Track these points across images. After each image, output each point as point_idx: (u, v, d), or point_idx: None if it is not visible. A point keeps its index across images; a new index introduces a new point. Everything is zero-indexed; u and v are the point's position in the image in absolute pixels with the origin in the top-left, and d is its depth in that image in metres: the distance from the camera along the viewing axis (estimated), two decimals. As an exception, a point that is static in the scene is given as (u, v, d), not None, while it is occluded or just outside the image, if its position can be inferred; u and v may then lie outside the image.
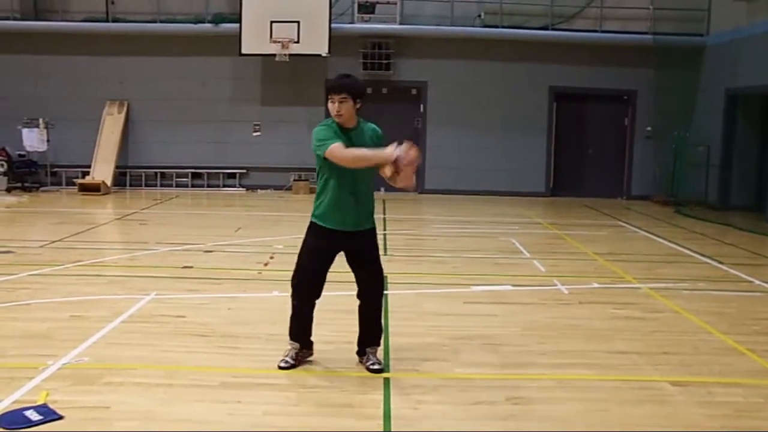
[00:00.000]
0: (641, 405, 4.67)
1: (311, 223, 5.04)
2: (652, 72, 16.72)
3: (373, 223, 5.10)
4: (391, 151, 4.62)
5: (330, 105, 4.88)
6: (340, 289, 5.75)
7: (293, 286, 5.14)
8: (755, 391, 4.95)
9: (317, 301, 5.14)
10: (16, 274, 7.86)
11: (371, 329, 5.19)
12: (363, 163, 4.77)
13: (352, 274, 5.13)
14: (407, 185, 4.76)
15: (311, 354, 5.25)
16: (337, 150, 4.73)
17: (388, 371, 5.10)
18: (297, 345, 5.17)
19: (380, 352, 5.30)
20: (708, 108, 15.96)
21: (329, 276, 5.09)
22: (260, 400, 4.60)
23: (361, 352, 5.21)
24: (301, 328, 5.17)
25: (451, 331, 6.13)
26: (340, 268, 5.13)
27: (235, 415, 4.37)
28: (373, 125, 5.07)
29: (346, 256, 5.07)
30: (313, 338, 5.25)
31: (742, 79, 14.70)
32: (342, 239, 4.97)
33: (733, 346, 5.92)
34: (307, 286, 5.07)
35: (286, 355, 5.18)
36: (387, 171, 4.70)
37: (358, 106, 4.90)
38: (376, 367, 5.06)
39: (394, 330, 6.00)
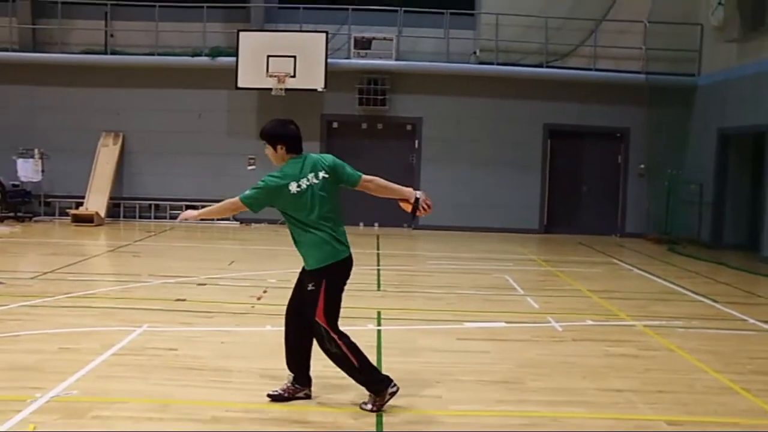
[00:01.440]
0: (636, 444, 4.63)
1: None
2: (645, 110, 16.89)
3: (307, 266, 4.99)
4: None
5: None
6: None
7: None
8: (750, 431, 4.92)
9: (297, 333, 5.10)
10: (5, 305, 7.80)
11: None
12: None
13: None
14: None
15: (307, 392, 5.18)
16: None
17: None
18: (291, 375, 5.15)
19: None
20: (700, 147, 16.10)
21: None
22: (251, 435, 4.54)
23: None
24: (287, 351, 5.16)
25: (445, 368, 6.09)
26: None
27: (225, 450, 4.32)
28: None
29: None
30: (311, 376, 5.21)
31: (733, 119, 14.85)
32: None
33: (728, 385, 5.89)
34: None
35: (281, 386, 5.16)
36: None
37: (278, 150, 5.00)
38: (368, 407, 4.98)
39: (387, 366, 5.94)
